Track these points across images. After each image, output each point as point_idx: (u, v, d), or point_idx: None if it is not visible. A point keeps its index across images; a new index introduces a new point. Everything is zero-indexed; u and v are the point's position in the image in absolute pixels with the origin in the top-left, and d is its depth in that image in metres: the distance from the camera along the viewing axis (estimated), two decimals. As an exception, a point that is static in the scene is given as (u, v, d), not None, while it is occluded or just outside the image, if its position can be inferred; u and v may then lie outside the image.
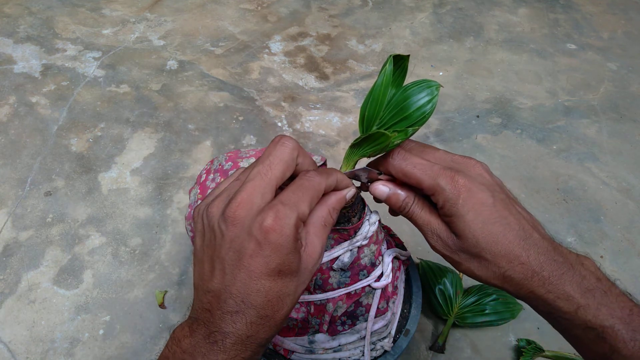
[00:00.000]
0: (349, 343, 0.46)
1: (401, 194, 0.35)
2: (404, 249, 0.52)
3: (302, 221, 0.28)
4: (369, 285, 0.43)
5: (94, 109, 0.86)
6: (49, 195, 0.71)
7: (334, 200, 0.31)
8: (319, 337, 0.45)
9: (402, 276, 0.50)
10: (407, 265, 0.52)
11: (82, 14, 1.11)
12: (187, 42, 1.05)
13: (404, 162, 0.32)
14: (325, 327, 0.44)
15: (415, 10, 1.23)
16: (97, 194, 0.72)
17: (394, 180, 0.35)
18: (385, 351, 0.47)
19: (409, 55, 0.32)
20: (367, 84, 0.97)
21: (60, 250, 0.64)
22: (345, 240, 0.41)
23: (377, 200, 0.36)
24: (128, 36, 1.05)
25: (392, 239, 0.51)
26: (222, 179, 0.42)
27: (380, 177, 0.35)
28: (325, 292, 0.43)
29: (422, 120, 0.33)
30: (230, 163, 0.43)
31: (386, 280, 0.43)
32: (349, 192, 0.32)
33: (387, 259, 0.44)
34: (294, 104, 0.91)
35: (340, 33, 1.12)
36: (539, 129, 0.89)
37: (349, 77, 0.99)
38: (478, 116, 0.91)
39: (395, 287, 0.47)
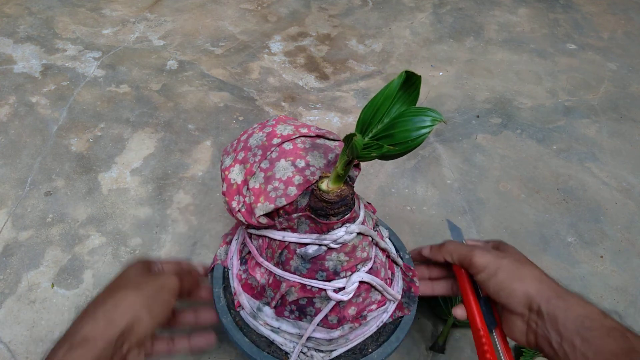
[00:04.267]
0: (287, 333, 0.46)
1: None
2: (413, 303, 0.50)
3: None
4: (325, 291, 0.43)
5: (94, 109, 0.86)
6: (49, 195, 0.71)
7: None
8: (267, 310, 0.46)
9: (381, 319, 0.48)
10: (402, 316, 0.49)
11: (82, 14, 1.11)
12: (187, 42, 1.05)
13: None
14: (273, 303, 0.45)
15: (415, 10, 1.23)
16: (97, 194, 0.72)
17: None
18: None
19: (420, 76, 0.31)
20: (367, 84, 0.98)
21: (60, 250, 0.64)
22: (315, 233, 0.41)
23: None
24: (128, 36, 1.05)
25: (411, 284, 0.51)
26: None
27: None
28: (284, 270, 0.43)
29: (404, 144, 0.31)
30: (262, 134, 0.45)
31: (344, 296, 0.43)
32: None
33: (355, 279, 0.43)
34: (294, 104, 0.91)
35: (340, 33, 1.12)
36: (539, 129, 0.89)
37: (349, 77, 0.99)
38: (478, 116, 0.91)
39: (362, 317, 0.46)
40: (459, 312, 0.46)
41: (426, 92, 0.97)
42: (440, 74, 1.02)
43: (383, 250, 0.48)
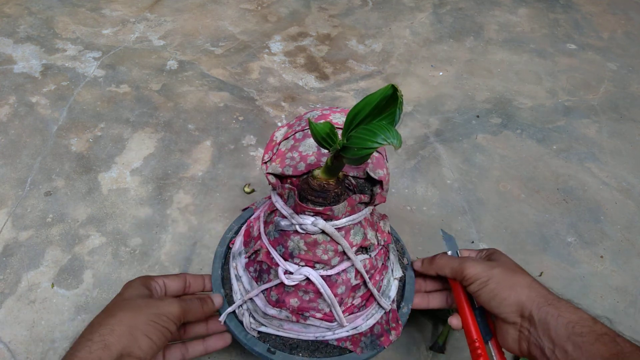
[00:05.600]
0: (243, 285, 0.49)
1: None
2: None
3: None
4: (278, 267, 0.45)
5: (94, 109, 0.86)
6: (49, 195, 0.71)
7: None
8: (242, 258, 0.52)
9: (322, 334, 0.47)
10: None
11: (82, 14, 1.11)
12: (187, 42, 1.05)
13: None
14: (247, 254, 0.49)
15: (415, 10, 1.23)
16: (97, 194, 0.72)
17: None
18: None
19: (401, 95, 0.31)
20: (367, 84, 0.97)
21: (60, 250, 0.64)
22: (292, 210, 0.43)
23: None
24: (128, 36, 1.05)
25: (385, 332, 0.48)
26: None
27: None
28: (263, 230, 0.47)
29: (350, 151, 0.33)
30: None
31: (287, 280, 0.43)
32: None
33: (303, 271, 0.43)
34: (294, 104, 0.91)
35: (340, 33, 1.12)
36: (539, 129, 0.89)
37: (349, 77, 0.99)
38: (478, 116, 0.91)
39: (302, 316, 0.46)
40: (455, 321, 0.47)
41: (426, 92, 0.97)
42: (440, 74, 1.02)
43: (360, 274, 0.46)
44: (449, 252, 0.51)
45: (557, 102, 0.96)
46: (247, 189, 0.74)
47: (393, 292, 0.50)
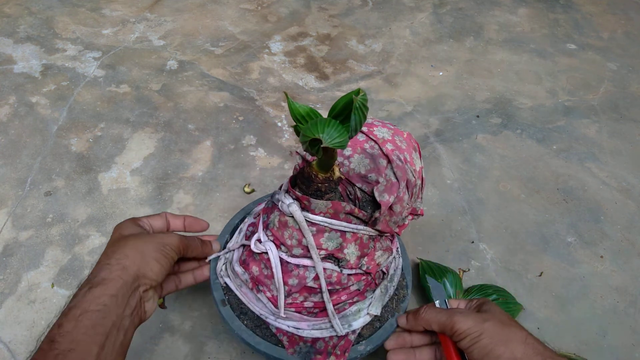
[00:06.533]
0: (234, 242, 0.53)
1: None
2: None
3: None
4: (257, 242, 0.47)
5: (94, 109, 0.86)
6: (49, 195, 0.71)
7: None
8: (249, 218, 0.55)
9: (265, 313, 0.46)
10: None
11: (82, 14, 1.11)
12: (187, 42, 1.05)
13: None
14: (252, 215, 0.54)
15: (415, 10, 1.23)
16: (97, 194, 0.72)
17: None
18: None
19: (355, 101, 0.31)
20: (367, 84, 0.98)
21: (60, 250, 0.64)
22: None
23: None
24: (128, 36, 1.05)
25: (324, 354, 0.45)
26: None
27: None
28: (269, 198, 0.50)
29: (303, 136, 0.35)
30: None
31: (253, 247, 0.45)
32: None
33: (267, 245, 0.45)
34: (294, 104, 0.91)
35: (340, 33, 1.12)
36: (539, 129, 0.89)
37: (349, 77, 0.99)
38: (478, 116, 0.91)
39: (256, 287, 0.47)
40: None
41: (426, 92, 0.97)
42: (440, 74, 1.02)
43: (318, 281, 0.44)
44: (437, 302, 0.48)
45: (557, 102, 0.96)
46: (247, 189, 0.74)
47: (358, 324, 0.46)
